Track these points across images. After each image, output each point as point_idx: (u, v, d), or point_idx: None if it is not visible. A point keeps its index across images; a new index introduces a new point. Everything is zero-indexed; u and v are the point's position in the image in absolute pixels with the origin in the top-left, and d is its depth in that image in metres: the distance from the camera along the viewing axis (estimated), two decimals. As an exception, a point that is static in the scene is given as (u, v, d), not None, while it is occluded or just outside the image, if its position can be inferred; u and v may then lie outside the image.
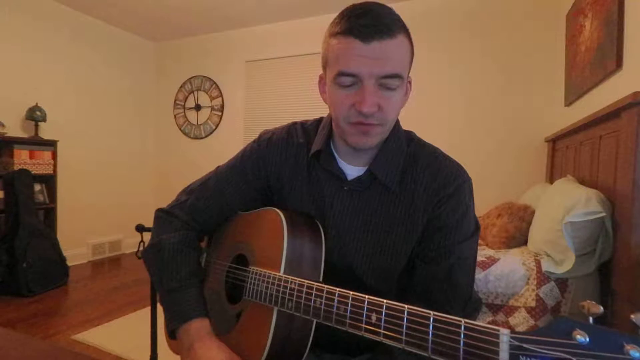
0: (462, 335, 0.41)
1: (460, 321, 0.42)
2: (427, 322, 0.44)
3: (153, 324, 1.60)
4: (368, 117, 0.60)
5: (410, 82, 0.68)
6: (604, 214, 1.33)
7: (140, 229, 1.53)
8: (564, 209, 1.42)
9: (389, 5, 0.62)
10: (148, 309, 1.76)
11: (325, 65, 0.66)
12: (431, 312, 0.44)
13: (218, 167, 0.82)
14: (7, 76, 2.95)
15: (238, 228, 0.78)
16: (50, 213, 3.12)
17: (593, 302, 0.36)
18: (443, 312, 0.45)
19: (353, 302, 0.51)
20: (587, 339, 0.34)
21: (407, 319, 0.46)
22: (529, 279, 1.51)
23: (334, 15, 0.62)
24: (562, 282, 1.46)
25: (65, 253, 2.94)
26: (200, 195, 0.78)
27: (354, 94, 0.60)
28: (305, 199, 0.73)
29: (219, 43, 3.90)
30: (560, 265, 1.47)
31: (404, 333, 0.46)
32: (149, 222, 1.65)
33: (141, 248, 1.57)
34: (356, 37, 0.57)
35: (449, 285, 0.65)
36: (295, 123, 0.80)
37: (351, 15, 0.59)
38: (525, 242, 1.85)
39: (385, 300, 0.49)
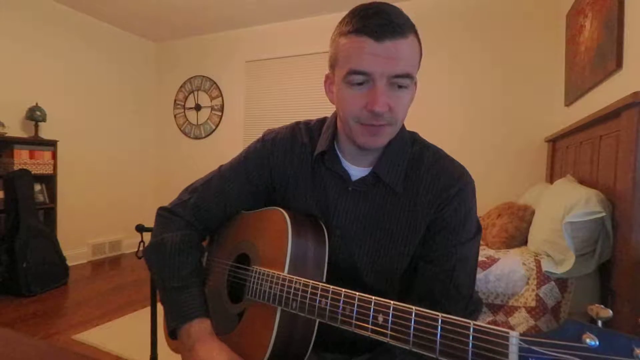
0: (470, 337, 0.41)
1: (469, 323, 0.42)
2: (435, 323, 0.44)
3: (153, 324, 1.60)
4: (379, 117, 0.60)
5: (416, 82, 0.68)
6: (604, 214, 1.33)
7: (140, 229, 1.53)
8: (564, 209, 1.42)
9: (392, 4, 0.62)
10: (148, 309, 1.76)
11: (334, 65, 0.65)
12: (439, 314, 0.44)
13: (221, 166, 0.81)
14: (7, 76, 2.95)
15: (241, 227, 0.78)
16: (50, 213, 3.11)
17: (602, 306, 0.36)
18: (444, 313, 0.45)
19: (359, 303, 0.51)
20: (597, 342, 0.34)
21: (414, 320, 0.46)
22: (529, 279, 1.51)
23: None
24: (562, 282, 1.46)
25: (65, 253, 2.94)
26: (202, 194, 0.78)
27: (365, 93, 0.60)
28: (309, 199, 0.73)
29: (219, 43, 3.90)
30: (560, 265, 1.47)
31: (411, 335, 0.45)
32: (149, 222, 1.65)
33: (141, 248, 1.57)
34: (369, 36, 0.57)
35: (451, 286, 0.65)
36: (298, 123, 0.80)
37: (363, 14, 0.59)
38: (525, 242, 1.85)
39: (392, 302, 0.48)
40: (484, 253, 1.70)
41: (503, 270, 1.55)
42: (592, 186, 1.56)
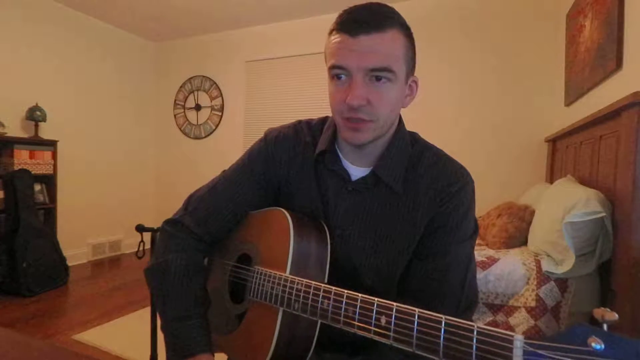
0: (474, 340, 0.41)
1: (473, 326, 0.42)
2: (438, 326, 0.44)
3: (153, 324, 1.59)
4: (357, 111, 0.61)
5: (416, 82, 0.68)
6: (604, 214, 1.33)
7: (140, 229, 1.53)
8: (564, 209, 1.42)
9: (389, 5, 0.62)
10: (148, 309, 1.76)
11: (325, 62, 0.67)
12: (442, 316, 0.44)
13: (224, 171, 0.80)
14: (7, 76, 2.95)
15: (242, 228, 0.78)
16: (50, 213, 3.11)
17: (607, 309, 0.36)
18: (435, 310, 0.45)
19: (362, 305, 0.51)
20: (603, 346, 0.34)
21: (417, 322, 0.46)
22: (529, 279, 1.51)
23: (334, 15, 0.63)
24: (562, 282, 1.46)
25: (65, 253, 2.94)
26: (210, 202, 0.75)
27: (345, 88, 0.61)
28: (313, 198, 0.73)
29: (219, 43, 3.89)
30: (560, 265, 1.47)
31: (414, 337, 0.45)
32: (149, 222, 1.65)
33: (141, 248, 1.57)
34: (345, 32, 0.59)
35: (443, 284, 0.65)
36: (300, 122, 0.80)
37: (345, 12, 0.61)
38: (525, 242, 1.85)
39: (395, 303, 0.48)
40: (484, 253, 1.70)
41: (503, 270, 1.55)
42: (592, 186, 1.55)
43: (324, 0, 3.07)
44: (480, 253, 1.70)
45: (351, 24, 0.59)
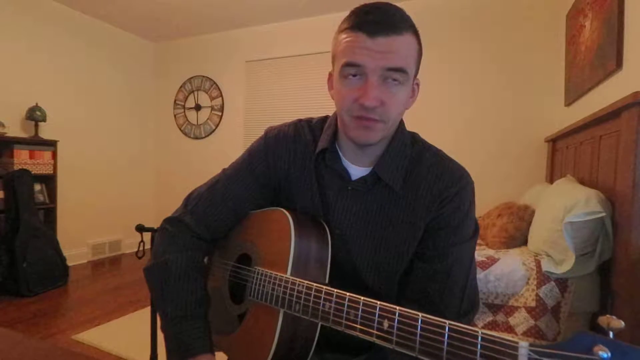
0: (478, 347, 0.40)
1: (477, 332, 0.41)
2: (442, 331, 0.43)
3: (153, 324, 1.59)
4: (370, 111, 0.60)
5: (418, 85, 0.68)
6: (604, 214, 1.33)
7: (140, 229, 1.53)
8: (564, 209, 1.42)
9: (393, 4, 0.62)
10: (148, 309, 1.76)
11: (333, 60, 0.66)
12: (446, 322, 0.44)
13: (224, 169, 0.80)
14: (7, 76, 2.95)
15: (243, 227, 0.78)
16: (50, 213, 3.11)
17: (613, 317, 0.35)
18: (437, 312, 0.44)
19: (364, 308, 0.50)
20: (609, 354, 0.33)
21: (421, 327, 0.45)
22: (529, 279, 1.51)
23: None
24: (562, 282, 1.47)
25: (65, 253, 2.94)
26: (210, 200, 0.75)
27: (358, 88, 0.61)
28: (313, 197, 0.73)
29: (219, 43, 3.90)
30: (560, 265, 1.47)
31: (417, 342, 0.45)
32: (149, 222, 1.65)
33: (141, 248, 1.57)
34: (363, 32, 0.59)
35: (445, 286, 0.65)
36: (300, 120, 0.79)
37: (360, 12, 0.61)
38: (525, 242, 1.85)
39: (398, 307, 0.48)
40: (484, 253, 1.71)
41: (503, 270, 1.55)
42: (592, 186, 1.56)
43: (324, 0, 3.07)
44: (480, 253, 1.70)
45: (368, 24, 0.58)
